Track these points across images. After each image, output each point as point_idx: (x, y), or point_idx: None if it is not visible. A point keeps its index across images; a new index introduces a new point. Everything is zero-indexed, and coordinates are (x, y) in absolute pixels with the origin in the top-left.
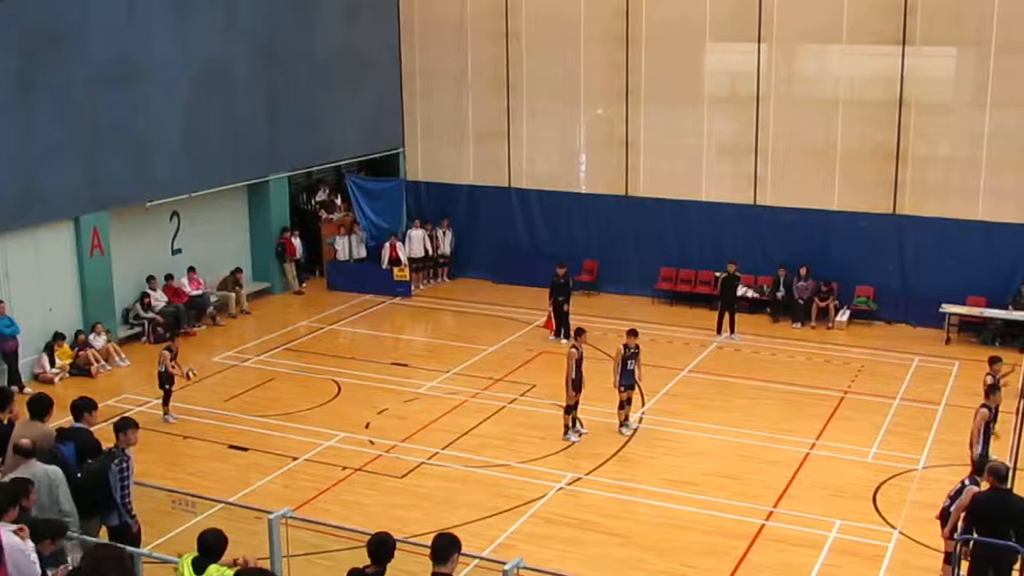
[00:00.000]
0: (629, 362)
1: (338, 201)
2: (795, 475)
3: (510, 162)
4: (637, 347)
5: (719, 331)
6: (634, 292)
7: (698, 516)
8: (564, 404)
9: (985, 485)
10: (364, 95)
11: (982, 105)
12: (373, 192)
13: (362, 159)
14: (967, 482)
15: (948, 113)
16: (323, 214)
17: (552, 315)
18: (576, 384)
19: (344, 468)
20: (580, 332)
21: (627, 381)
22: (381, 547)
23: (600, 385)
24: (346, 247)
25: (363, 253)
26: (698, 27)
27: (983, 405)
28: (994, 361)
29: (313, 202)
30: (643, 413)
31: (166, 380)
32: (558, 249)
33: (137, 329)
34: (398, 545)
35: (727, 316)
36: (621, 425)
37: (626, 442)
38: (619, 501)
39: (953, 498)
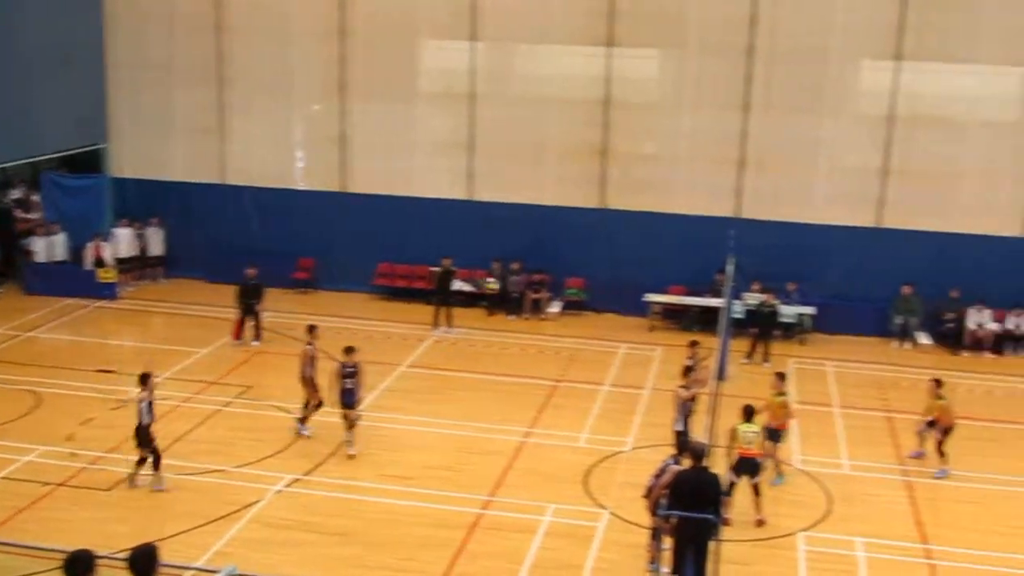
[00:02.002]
0: (347, 381)
1: (36, 199)
2: (511, 464)
3: (224, 158)
4: (355, 365)
5: (435, 325)
6: (352, 288)
7: (418, 509)
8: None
9: (687, 463)
10: (65, 88)
11: (681, 105)
12: (73, 189)
13: (63, 155)
14: (670, 462)
15: (651, 112)
16: (19, 213)
17: (240, 320)
18: (311, 382)
19: (45, 484)
20: (312, 328)
21: (347, 400)
22: (75, 565)
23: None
24: (45, 248)
25: (63, 254)
26: (413, 23)
27: (681, 386)
28: (692, 345)
29: (7, 200)
30: (360, 410)
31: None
32: (274, 247)
33: None
34: (104, 562)
35: (443, 310)
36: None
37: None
38: (339, 500)
39: (657, 477)
